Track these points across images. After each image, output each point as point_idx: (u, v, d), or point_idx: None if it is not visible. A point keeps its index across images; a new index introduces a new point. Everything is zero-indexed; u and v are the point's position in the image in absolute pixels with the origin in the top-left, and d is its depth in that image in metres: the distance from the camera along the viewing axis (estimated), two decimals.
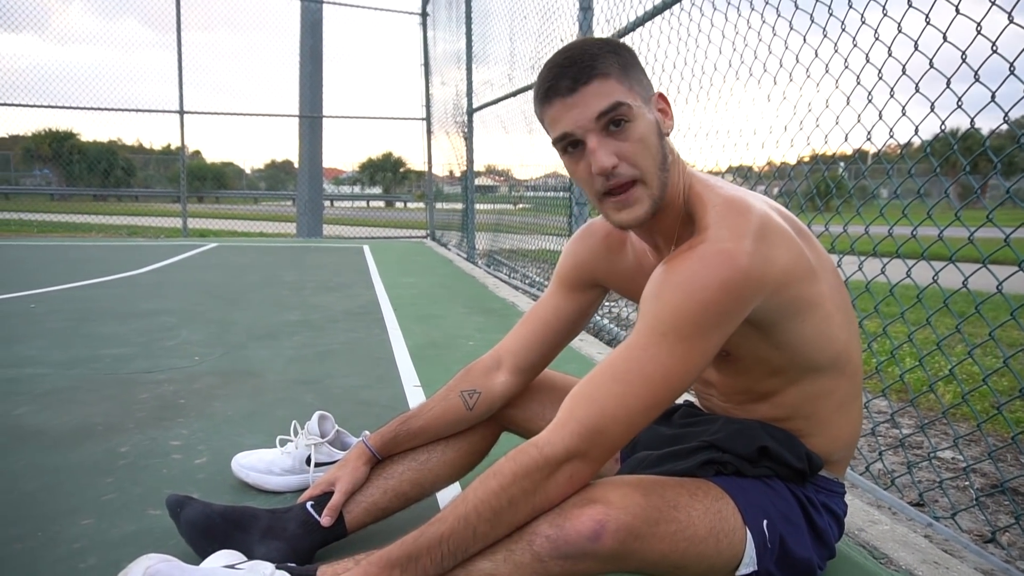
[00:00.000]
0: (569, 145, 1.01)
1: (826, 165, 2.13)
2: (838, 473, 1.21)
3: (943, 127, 1.63)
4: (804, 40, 2.06)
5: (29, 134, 22.96)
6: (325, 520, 1.25)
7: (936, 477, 1.69)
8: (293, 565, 1.06)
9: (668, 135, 1.04)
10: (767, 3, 2.21)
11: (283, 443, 1.61)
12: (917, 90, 1.67)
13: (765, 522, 1.07)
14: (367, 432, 1.37)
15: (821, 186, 2.21)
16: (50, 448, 1.81)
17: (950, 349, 3.26)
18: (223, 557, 1.10)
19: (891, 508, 1.63)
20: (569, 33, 4.08)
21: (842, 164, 2.14)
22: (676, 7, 2.87)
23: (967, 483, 1.84)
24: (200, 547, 1.23)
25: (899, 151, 1.80)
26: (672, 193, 1.05)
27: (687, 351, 0.95)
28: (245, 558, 1.11)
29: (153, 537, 1.36)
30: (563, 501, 0.96)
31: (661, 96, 1.05)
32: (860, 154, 2.01)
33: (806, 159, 2.25)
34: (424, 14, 10.53)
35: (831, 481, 1.19)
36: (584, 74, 0.97)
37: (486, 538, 0.95)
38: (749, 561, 1.05)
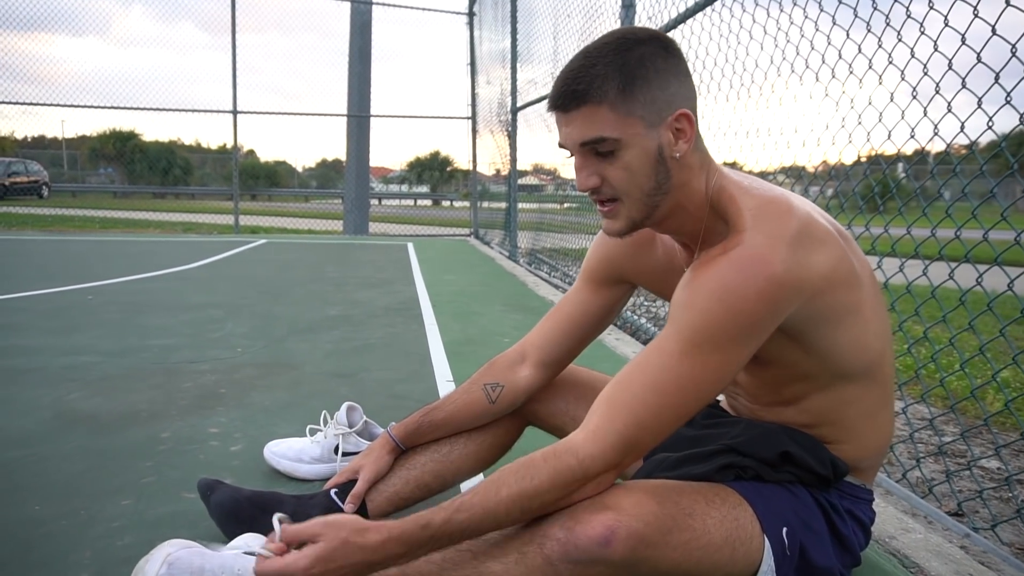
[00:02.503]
0: (568, 152, 1.03)
1: (869, 164, 2.07)
2: (866, 480, 1.17)
3: (990, 123, 1.57)
4: (847, 35, 2.00)
5: (95, 134, 24.02)
6: (348, 507, 1.27)
7: (977, 486, 1.63)
8: None
9: (678, 156, 0.98)
10: None
11: (313, 432, 1.65)
12: (964, 86, 1.61)
13: (785, 530, 1.05)
14: (393, 423, 1.39)
15: (867, 186, 2.15)
16: (98, 432, 1.90)
17: (1001, 355, 3.12)
18: (247, 540, 1.13)
19: (927, 517, 1.58)
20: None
21: (884, 164, 2.08)
22: (718, 3, 2.82)
23: (1011, 494, 1.77)
24: (228, 529, 1.27)
25: (945, 150, 1.74)
26: (690, 198, 1.03)
27: (721, 361, 0.94)
28: None
29: (186, 519, 1.41)
30: (576, 506, 0.95)
31: (684, 115, 0.96)
32: (903, 154, 1.94)
33: (862, 158, 2.19)
34: (471, 14, 10.60)
35: (857, 487, 1.15)
36: (576, 99, 0.95)
37: (507, 529, 0.96)
38: (767, 570, 1.03)
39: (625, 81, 0.94)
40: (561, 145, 1.03)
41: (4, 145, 22.04)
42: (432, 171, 34.42)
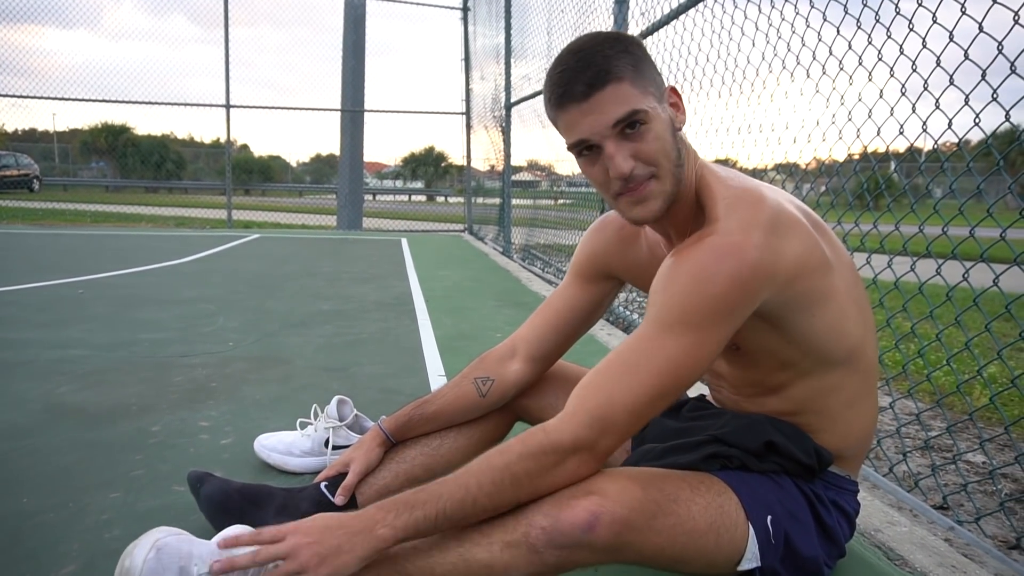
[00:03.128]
0: (585, 149, 1.00)
1: (859, 162, 2.09)
2: (850, 470, 1.19)
3: (977, 120, 1.58)
4: (837, 31, 2.01)
5: (86, 128, 23.86)
6: (339, 499, 1.28)
7: (962, 480, 1.65)
8: None
9: (680, 130, 1.03)
10: None
11: (303, 426, 1.65)
12: (951, 82, 1.62)
13: (769, 518, 1.06)
14: (384, 416, 1.40)
15: (858, 183, 2.16)
16: (87, 425, 1.89)
17: (987, 350, 3.15)
18: (235, 532, 1.14)
19: (912, 510, 1.60)
20: (604, 27, 4.05)
21: (874, 161, 2.09)
22: None
23: (995, 487, 1.79)
24: (217, 521, 1.27)
25: (934, 147, 1.75)
26: (684, 186, 1.05)
27: (694, 342, 0.95)
28: None
29: (176, 511, 1.41)
30: (560, 493, 0.96)
31: (673, 90, 1.03)
32: (894, 152, 1.95)
33: (853, 156, 2.20)
34: (465, 9, 10.57)
35: (842, 478, 1.17)
36: (599, 79, 0.94)
37: (484, 511, 0.96)
38: (752, 557, 1.04)
39: (633, 61, 0.97)
40: (580, 142, 0.99)
41: None
42: (426, 167, 34.33)
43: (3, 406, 2.03)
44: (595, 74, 0.95)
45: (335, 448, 1.58)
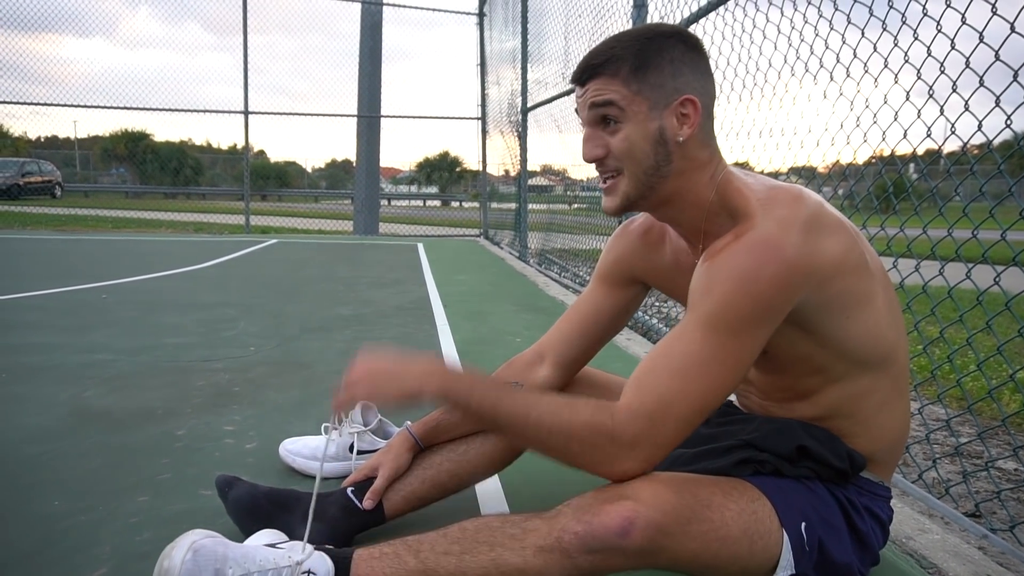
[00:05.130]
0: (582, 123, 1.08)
1: (884, 164, 2.06)
2: (883, 476, 1.17)
3: (1009, 121, 1.56)
4: (862, 34, 1.99)
5: (107, 135, 24.22)
6: (367, 503, 1.28)
7: (994, 487, 1.62)
8: (331, 547, 1.09)
9: (680, 140, 1.02)
10: None
11: (328, 431, 1.66)
12: (981, 83, 1.60)
13: (803, 524, 1.05)
14: (409, 422, 1.40)
15: (880, 187, 2.14)
16: (114, 429, 1.91)
17: (1018, 355, 3.09)
18: (265, 536, 1.14)
19: (944, 517, 1.57)
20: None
21: (899, 164, 2.07)
22: (731, 2, 2.82)
23: None
24: (245, 526, 1.28)
25: (962, 149, 1.72)
26: (691, 189, 1.05)
27: (739, 345, 0.96)
28: (287, 538, 1.16)
29: (203, 515, 1.42)
30: (594, 498, 0.96)
31: (689, 100, 1.01)
32: (916, 155, 1.93)
33: (873, 159, 2.17)
34: (481, 14, 10.61)
35: (875, 484, 1.15)
36: (592, 70, 1.02)
37: (525, 440, 1.03)
38: (786, 564, 1.03)
39: (639, 63, 1.00)
40: (578, 112, 1.07)
41: (17, 145, 22.26)
42: (441, 172, 34.47)
43: (32, 410, 2.06)
44: (591, 66, 1.02)
45: (360, 453, 1.58)
